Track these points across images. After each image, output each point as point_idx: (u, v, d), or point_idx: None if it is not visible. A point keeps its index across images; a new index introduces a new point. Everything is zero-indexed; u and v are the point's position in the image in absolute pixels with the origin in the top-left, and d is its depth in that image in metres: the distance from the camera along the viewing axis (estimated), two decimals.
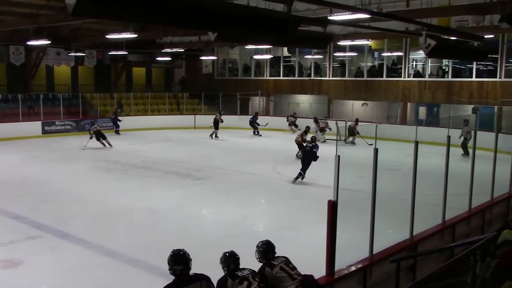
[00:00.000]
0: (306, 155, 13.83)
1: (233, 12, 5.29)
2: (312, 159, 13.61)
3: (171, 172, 15.40)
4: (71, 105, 26.90)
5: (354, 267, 5.73)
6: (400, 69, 25.12)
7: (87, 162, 16.95)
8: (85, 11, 3.96)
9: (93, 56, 28.84)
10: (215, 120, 24.32)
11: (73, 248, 8.56)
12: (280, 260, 5.01)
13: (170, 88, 34.05)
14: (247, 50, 29.73)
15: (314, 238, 8.43)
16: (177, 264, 4.34)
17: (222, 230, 9.57)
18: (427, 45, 9.01)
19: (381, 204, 6.24)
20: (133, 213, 10.72)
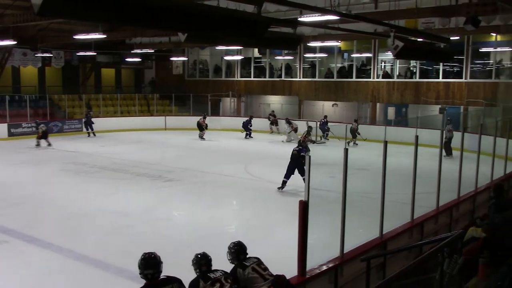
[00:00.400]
0: (293, 159, 12.68)
1: (203, 13, 5.28)
2: (301, 163, 12.19)
3: (141, 174, 15.25)
4: (38, 107, 26.35)
5: (325, 267, 5.78)
6: (369, 70, 25.49)
7: (55, 165, 16.63)
8: (51, 11, 3.89)
9: (60, 57, 28.33)
10: (198, 123, 24.29)
11: (41, 252, 8.39)
12: (252, 261, 5.02)
13: (140, 89, 33.72)
14: (217, 51, 29.69)
15: (286, 238, 8.48)
16: (148, 268, 4.30)
17: (193, 232, 9.52)
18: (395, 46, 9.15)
19: (352, 204, 6.31)
20: (103, 216, 10.57)
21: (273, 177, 14.65)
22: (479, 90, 22.09)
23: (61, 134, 25.12)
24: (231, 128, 26.86)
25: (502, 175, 11.07)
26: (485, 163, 10.84)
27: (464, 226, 7.49)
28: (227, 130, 26.82)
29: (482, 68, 23.12)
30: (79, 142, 22.65)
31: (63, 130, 25.58)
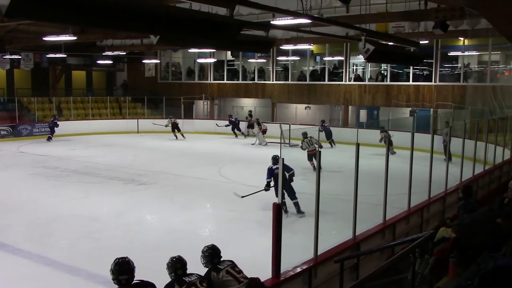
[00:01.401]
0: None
1: (175, 16, 5.24)
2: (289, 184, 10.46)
3: (113, 177, 15.06)
4: (7, 110, 25.83)
5: (299, 268, 5.79)
6: (341, 73, 25.74)
7: (24, 169, 16.29)
8: (19, 12, 3.80)
9: (30, 59, 27.74)
10: (174, 124, 24.85)
11: (9, 258, 8.20)
12: (226, 264, 5.00)
13: (112, 92, 33.30)
14: (190, 54, 29.56)
15: (260, 240, 8.48)
16: (123, 273, 4.25)
17: (167, 235, 9.45)
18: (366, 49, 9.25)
19: (325, 206, 6.35)
20: (73, 221, 10.39)
21: (247, 180, 14.66)
22: (448, 93, 22.55)
23: (30, 137, 24.65)
24: (204, 131, 26.78)
25: (471, 176, 11.30)
26: (454, 164, 11.07)
27: (435, 226, 7.62)
28: (200, 133, 26.73)
29: (451, 72, 23.60)
30: (49, 145, 22.23)
31: (32, 133, 25.08)
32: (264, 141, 22.90)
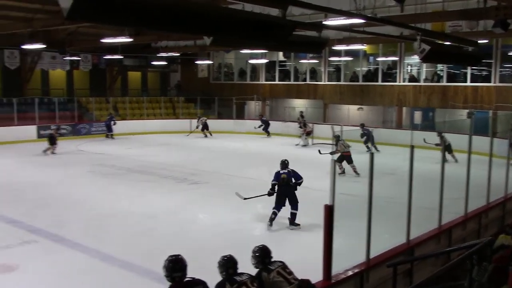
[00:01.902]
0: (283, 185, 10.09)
1: (229, 17, 5.30)
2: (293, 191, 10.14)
3: (167, 176, 15.37)
4: (67, 109, 26.85)
5: (351, 272, 5.73)
6: (395, 74, 25.21)
7: (83, 166, 16.89)
8: (80, 15, 3.95)
9: (88, 60, 28.79)
10: (205, 124, 25.61)
11: (68, 252, 8.52)
12: (277, 264, 5.00)
13: (166, 92, 34.03)
14: (242, 55, 29.76)
15: (311, 242, 8.43)
16: (176, 271, 4.32)
17: (218, 235, 9.55)
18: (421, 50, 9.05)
19: (377, 209, 6.24)
20: (129, 218, 10.68)
21: None
22: (508, 94, 21.64)
23: (88, 136, 25.53)
24: (256, 132, 26.90)
25: None
26: None
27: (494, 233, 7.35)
28: (252, 133, 26.85)
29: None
30: (106, 144, 22.97)
31: (90, 132, 26.00)
32: (307, 142, 22.73)
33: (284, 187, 10.02)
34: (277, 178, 10.08)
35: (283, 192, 10.04)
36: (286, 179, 9.99)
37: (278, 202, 10.08)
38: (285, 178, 10.00)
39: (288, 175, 10.05)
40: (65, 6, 3.75)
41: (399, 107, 25.07)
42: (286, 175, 10.02)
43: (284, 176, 10.02)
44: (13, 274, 7.52)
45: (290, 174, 10.05)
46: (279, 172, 10.14)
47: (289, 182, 9.99)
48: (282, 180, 10.00)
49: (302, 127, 23.21)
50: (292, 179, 9.99)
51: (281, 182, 10.01)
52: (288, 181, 9.99)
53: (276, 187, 10.09)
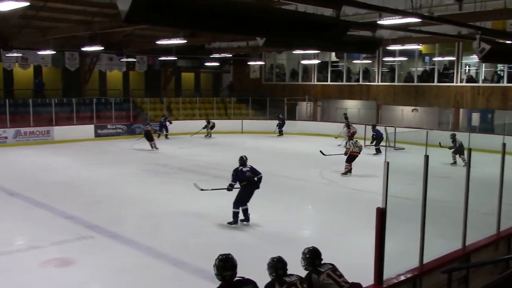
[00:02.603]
0: (249, 184, 10.06)
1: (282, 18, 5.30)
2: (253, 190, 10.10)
3: (219, 176, 15.51)
4: (122, 109, 27.64)
5: (403, 277, 5.59)
6: (452, 74, 24.46)
7: (137, 165, 17.33)
8: (137, 18, 4.05)
9: (144, 61, 29.55)
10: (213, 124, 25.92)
11: (123, 249, 8.76)
12: (327, 267, 4.96)
13: (218, 92, 34.44)
14: (294, 55, 29.70)
15: (362, 245, 8.31)
16: (227, 270, 4.36)
17: (268, 235, 9.57)
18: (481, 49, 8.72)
19: (431, 213, 6.07)
20: (180, 216, 10.87)
21: (348, 183, 14.47)
22: None
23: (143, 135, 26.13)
24: (307, 133, 26.78)
25: None
26: None
27: None
28: (303, 134, 26.76)
29: None
30: (160, 143, 23.43)
31: None
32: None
33: (252, 184, 9.98)
34: (243, 176, 9.96)
35: (251, 190, 10.00)
36: (252, 176, 9.96)
37: (247, 199, 10.06)
38: (250, 176, 9.95)
39: (252, 172, 10.00)
40: (123, 9, 3.86)
41: (455, 108, 24.30)
42: (250, 172, 9.97)
43: (249, 174, 9.96)
44: (70, 268, 7.80)
45: (252, 170, 10.03)
46: (242, 170, 10.02)
47: (252, 179, 9.95)
48: (248, 178, 9.93)
49: (346, 128, 22.88)
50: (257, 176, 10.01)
51: (248, 180, 9.94)
52: (252, 178, 9.95)
53: (239, 184, 10.06)
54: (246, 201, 10.09)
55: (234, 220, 10.05)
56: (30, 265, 7.85)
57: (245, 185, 9.98)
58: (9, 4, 7.85)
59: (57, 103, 25.35)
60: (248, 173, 9.95)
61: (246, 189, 9.99)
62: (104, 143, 23.55)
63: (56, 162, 18.17)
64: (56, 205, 11.62)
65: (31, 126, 23.21)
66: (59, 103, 25.64)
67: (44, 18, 20.73)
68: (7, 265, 7.88)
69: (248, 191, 10.00)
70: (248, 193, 10.00)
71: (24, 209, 11.46)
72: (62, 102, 25.99)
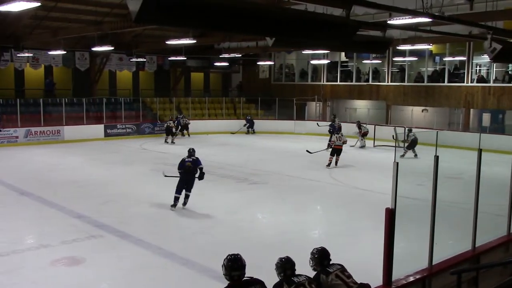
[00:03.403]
0: (187, 173, 11.25)
1: (291, 18, 5.30)
2: (193, 178, 11.33)
3: (227, 176, 15.55)
4: (132, 109, 27.78)
5: (412, 278, 5.57)
6: (463, 74, 24.30)
7: (146, 165, 17.40)
8: (148, 18, 4.07)
9: (153, 61, 29.67)
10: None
11: (132, 248, 8.79)
12: (336, 267, 4.94)
13: (227, 93, 34.48)
14: (304, 55, 29.67)
15: (371, 246, 8.28)
16: (235, 270, 4.36)
17: (277, 235, 9.56)
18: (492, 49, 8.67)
19: (441, 213, 6.04)
20: (189, 216, 10.90)
21: (357, 183, 14.43)
22: None
23: (152, 135, 26.29)
24: (316, 133, 26.73)
25: None
26: None
27: None
28: (312, 134, 26.71)
29: None
30: (169, 143, 23.53)
31: (154, 131, 26.75)
32: (363, 144, 22.32)
33: (186, 174, 11.20)
34: (182, 166, 11.27)
35: (185, 178, 11.21)
36: (191, 167, 11.20)
37: (180, 187, 11.24)
38: (190, 166, 11.18)
39: (192, 163, 11.22)
40: (133, 9, 3.88)
41: (466, 108, 24.14)
42: (191, 163, 11.22)
43: (189, 164, 11.20)
44: (79, 267, 7.85)
45: (194, 162, 11.26)
46: (184, 160, 11.33)
47: (191, 169, 11.20)
48: (188, 168, 11.18)
49: (358, 128, 22.83)
50: (198, 166, 11.27)
51: (186, 170, 11.19)
52: (190, 169, 11.20)
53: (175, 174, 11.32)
54: (182, 188, 11.25)
55: (173, 203, 11.26)
56: (41, 264, 7.90)
57: (183, 174, 11.24)
58: (20, 5, 7.91)
59: (68, 103, 25.52)
60: (188, 163, 11.26)
61: (183, 177, 11.27)
62: (114, 143, 23.66)
63: (66, 161, 18.28)
64: (66, 204, 11.70)
65: (42, 126, 23.39)
66: (69, 103, 25.81)
67: (55, 18, 20.90)
68: (18, 264, 7.94)
69: (183, 179, 11.26)
70: (182, 181, 11.26)
71: (35, 208, 11.55)
72: (72, 102, 26.15)
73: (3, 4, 7.82)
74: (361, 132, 22.53)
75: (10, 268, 7.76)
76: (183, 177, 11.22)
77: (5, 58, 24.12)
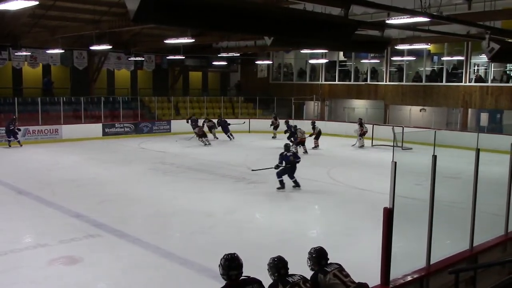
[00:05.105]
0: (291, 164, 13.51)
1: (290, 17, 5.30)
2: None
3: (225, 175, 15.55)
4: (130, 108, 27.75)
5: (410, 277, 5.58)
6: (461, 74, 24.35)
7: (145, 164, 17.39)
8: (146, 17, 4.07)
9: (152, 60, 29.64)
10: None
11: (130, 247, 8.79)
12: (333, 267, 4.94)
13: (226, 92, 34.47)
14: (302, 55, 29.69)
15: (368, 245, 8.30)
16: (233, 269, 4.35)
17: (275, 235, 9.56)
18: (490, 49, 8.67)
19: (439, 213, 6.05)
20: (188, 215, 10.90)
21: (355, 182, 14.44)
22: None
23: (150, 134, 26.28)
24: None
25: None
26: None
27: None
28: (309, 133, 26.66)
29: None
30: (167, 142, 23.51)
31: (152, 130, 26.74)
32: (362, 144, 22.32)
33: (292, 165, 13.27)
34: (283, 159, 13.34)
35: (289, 168, 13.34)
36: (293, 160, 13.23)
37: (283, 172, 13.41)
38: (293, 159, 13.24)
39: (293, 156, 13.19)
40: (132, 8, 3.88)
41: (464, 108, 24.19)
42: (293, 156, 13.43)
43: (292, 158, 13.28)
44: (77, 266, 7.84)
45: (294, 155, 13.29)
46: (285, 155, 13.42)
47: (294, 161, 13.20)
48: (289, 161, 13.18)
49: (359, 126, 22.79)
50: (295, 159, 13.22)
51: (289, 162, 13.22)
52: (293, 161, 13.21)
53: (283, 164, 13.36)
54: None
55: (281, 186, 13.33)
56: (38, 263, 7.90)
57: (288, 166, 13.23)
58: (18, 3, 7.90)
59: (66, 101, 25.46)
60: (291, 157, 13.24)
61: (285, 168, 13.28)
62: (112, 142, 23.64)
63: (64, 160, 18.25)
64: (64, 203, 11.69)
65: (40, 125, 23.35)
66: (67, 101, 25.76)
67: (53, 17, 20.86)
68: (16, 263, 7.93)
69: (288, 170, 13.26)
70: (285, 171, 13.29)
71: (33, 207, 11.53)
72: (70, 100, 26.11)
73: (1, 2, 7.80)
74: (362, 130, 22.50)
75: (8, 268, 7.75)
76: (286, 168, 13.30)
77: (3, 56, 24.06)
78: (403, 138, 20.90)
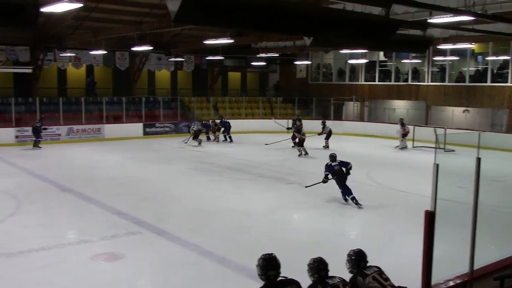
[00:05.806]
0: (341, 175, 12.13)
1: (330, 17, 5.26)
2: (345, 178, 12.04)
3: (264, 175, 15.57)
4: (170, 108, 28.14)
5: (452, 282, 5.44)
6: (507, 74, 23.61)
7: (184, 163, 17.60)
8: (186, 18, 4.12)
9: (191, 61, 29.98)
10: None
11: (170, 245, 8.90)
12: (373, 270, 4.87)
13: (264, 92, 34.51)
14: (341, 55, 29.40)
15: (409, 249, 8.15)
16: (271, 269, 4.34)
17: (313, 236, 9.51)
18: None
19: (483, 217, 5.88)
20: (226, 214, 10.96)
21: (396, 184, 14.22)
22: None
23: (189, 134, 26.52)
24: (353, 133, 26.48)
25: None
26: None
27: None
28: (349, 134, 26.45)
29: None
30: (206, 142, 23.72)
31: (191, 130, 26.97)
32: (404, 145, 21.86)
33: (338, 176, 12.07)
34: (330, 170, 12.17)
35: (338, 181, 12.03)
36: (340, 170, 12.01)
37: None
38: (339, 169, 12.04)
39: (339, 165, 12.03)
40: (172, 9, 3.93)
41: (510, 109, 23.44)
42: (339, 166, 12.13)
43: (338, 168, 12.06)
44: (118, 262, 8.00)
45: (341, 164, 12.05)
46: (330, 165, 12.18)
47: (341, 171, 11.96)
48: (336, 172, 11.96)
49: (401, 126, 22.37)
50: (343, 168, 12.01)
51: (336, 173, 11.98)
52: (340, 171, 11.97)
53: (330, 176, 12.21)
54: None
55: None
56: (81, 259, 8.10)
57: (337, 178, 11.90)
58: (63, 6, 8.12)
59: (108, 101, 26.07)
60: (337, 167, 11.97)
61: (340, 180, 11.91)
62: (152, 141, 24.04)
63: (106, 159, 18.68)
64: (106, 200, 11.95)
65: (83, 124, 23.98)
66: (109, 101, 26.35)
67: (96, 19, 21.35)
68: (60, 258, 8.17)
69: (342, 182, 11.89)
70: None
71: (75, 204, 11.85)
72: (112, 100, 26.68)
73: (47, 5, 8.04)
74: (404, 131, 22.07)
75: (52, 262, 7.98)
76: (339, 180, 11.93)
77: (48, 58, 24.83)
78: (445, 140, 20.41)
